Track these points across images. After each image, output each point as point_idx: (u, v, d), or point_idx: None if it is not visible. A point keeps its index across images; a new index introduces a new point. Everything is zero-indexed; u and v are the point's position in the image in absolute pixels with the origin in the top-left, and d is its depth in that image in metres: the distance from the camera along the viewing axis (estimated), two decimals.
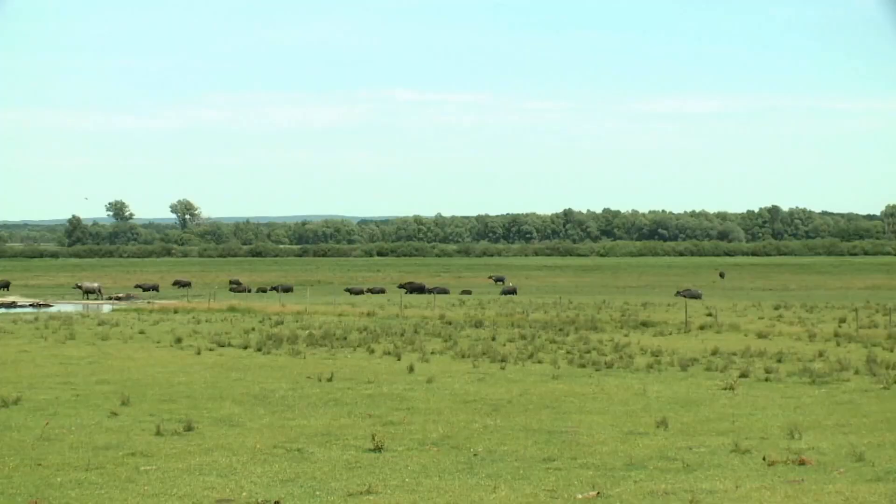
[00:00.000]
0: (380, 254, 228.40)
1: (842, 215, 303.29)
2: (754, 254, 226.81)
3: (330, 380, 29.79)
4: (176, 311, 64.64)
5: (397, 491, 16.32)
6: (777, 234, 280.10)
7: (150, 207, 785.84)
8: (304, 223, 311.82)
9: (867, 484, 16.84)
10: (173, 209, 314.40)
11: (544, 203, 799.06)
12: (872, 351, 37.42)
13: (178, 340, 42.45)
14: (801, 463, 18.34)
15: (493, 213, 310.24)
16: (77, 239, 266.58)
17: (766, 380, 30.33)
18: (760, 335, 44.88)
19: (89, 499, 15.61)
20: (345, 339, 43.16)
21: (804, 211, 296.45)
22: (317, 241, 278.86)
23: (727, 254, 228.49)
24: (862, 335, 44.18)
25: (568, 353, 38.08)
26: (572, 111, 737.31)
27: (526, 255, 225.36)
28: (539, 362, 35.32)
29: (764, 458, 18.68)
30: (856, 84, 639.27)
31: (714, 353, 37.15)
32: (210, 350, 39.14)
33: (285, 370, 32.66)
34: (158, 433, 21.04)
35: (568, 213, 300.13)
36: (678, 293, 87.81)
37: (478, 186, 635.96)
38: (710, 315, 55.08)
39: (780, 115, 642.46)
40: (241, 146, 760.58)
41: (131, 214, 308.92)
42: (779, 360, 34.68)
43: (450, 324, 52.39)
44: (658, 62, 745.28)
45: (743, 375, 30.83)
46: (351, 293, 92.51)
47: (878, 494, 16.15)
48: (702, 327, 49.32)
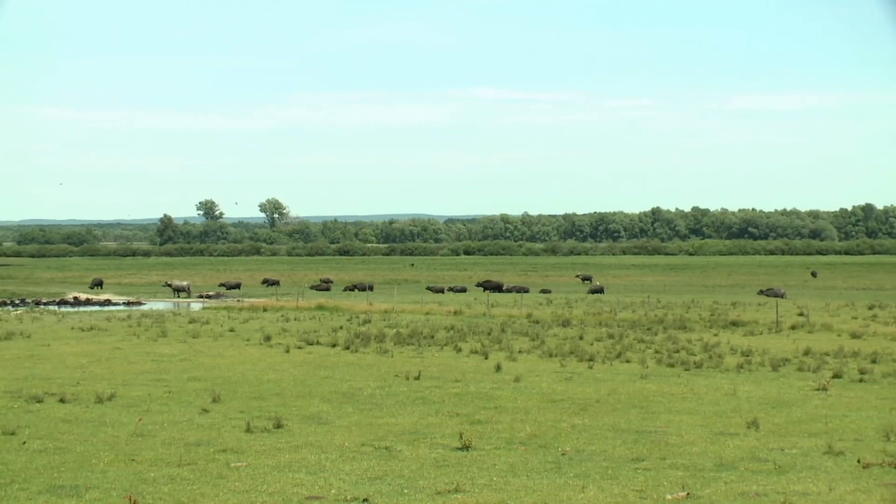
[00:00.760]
0: (466, 252, 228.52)
1: None
2: (847, 253, 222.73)
3: (417, 378, 29.86)
4: (265, 310, 65.27)
5: (485, 490, 16.29)
6: (871, 232, 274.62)
7: (240, 207, 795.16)
8: (391, 222, 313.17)
9: None
10: (262, 208, 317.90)
11: (632, 201, 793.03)
12: None
13: (268, 338, 42.83)
14: None
15: (580, 212, 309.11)
16: (168, 238, 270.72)
17: (861, 381, 29.77)
18: (854, 335, 44.05)
19: (182, 494, 15.79)
20: (432, 337, 43.23)
21: None
22: (404, 239, 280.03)
23: (819, 252, 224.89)
24: None
25: (656, 352, 37.76)
26: (660, 108, 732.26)
27: (613, 254, 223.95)
28: (627, 361, 35.06)
29: (858, 461, 18.32)
30: None
31: (806, 353, 36.56)
32: (299, 348, 39.43)
33: (373, 368, 32.80)
34: (248, 430, 21.25)
35: (656, 212, 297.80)
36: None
37: (565, 185, 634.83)
38: (801, 315, 54.23)
39: (875, 111, 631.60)
40: (329, 145, 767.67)
41: (221, 214, 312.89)
42: (873, 361, 34.01)
43: (537, 323, 52.23)
44: (748, 57, 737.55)
45: (836, 376, 30.30)
46: (432, 292, 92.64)
47: None
48: (793, 327, 48.57)
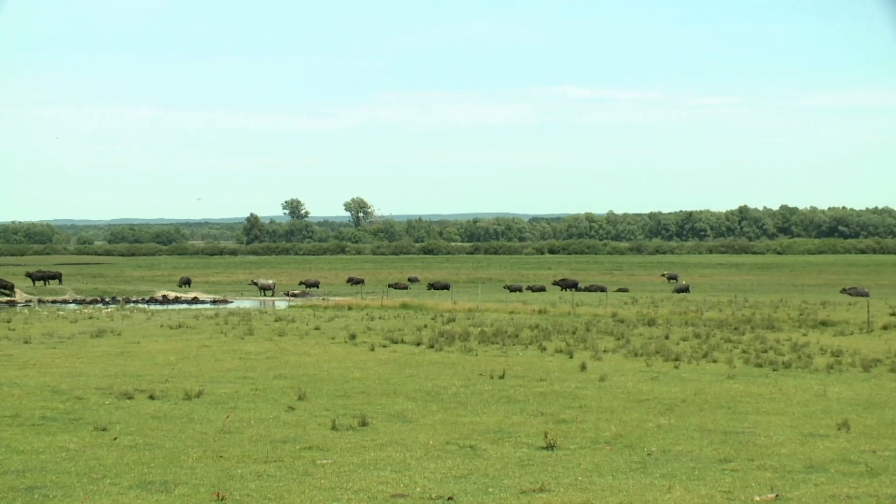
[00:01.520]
0: (551, 251, 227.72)
1: None
2: None
3: (502, 377, 29.82)
4: (350, 308, 65.67)
5: (570, 489, 16.21)
6: None
7: (325, 206, 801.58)
8: (475, 221, 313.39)
9: None
10: (347, 207, 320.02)
11: (719, 200, 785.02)
12: None
13: (353, 337, 43.06)
14: None
15: (666, 211, 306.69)
16: (255, 237, 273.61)
17: None
18: None
19: (268, 491, 15.92)
20: (516, 336, 43.15)
21: None
22: (488, 238, 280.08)
23: None
24: None
25: (744, 352, 37.31)
26: (747, 106, 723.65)
27: (700, 253, 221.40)
28: (714, 361, 34.69)
29: None
30: None
31: None
32: (383, 346, 39.59)
33: (457, 367, 32.82)
34: (334, 428, 21.36)
35: (743, 210, 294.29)
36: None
37: (650, 183, 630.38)
38: (894, 315, 53.23)
39: None
40: (414, 144, 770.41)
41: (307, 213, 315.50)
42: None
43: (622, 322, 51.91)
44: (838, 53, 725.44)
45: None
46: (510, 290, 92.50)
47: None
48: (885, 327, 47.66)
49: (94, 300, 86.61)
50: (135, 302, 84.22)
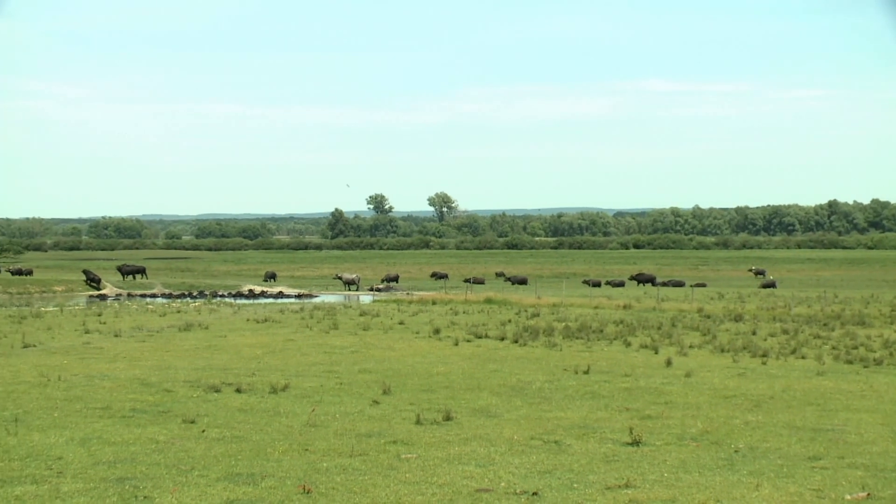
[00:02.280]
0: (636, 246, 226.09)
1: None
2: None
3: (587, 372, 29.67)
4: (434, 303, 65.83)
5: (656, 485, 16.06)
6: None
7: (409, 200, 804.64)
8: (559, 215, 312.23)
9: None
10: (431, 202, 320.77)
11: (807, 194, 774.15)
12: None
13: (437, 331, 43.14)
14: None
15: (753, 205, 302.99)
16: (339, 231, 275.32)
17: None
18: None
19: (353, 484, 15.99)
20: (601, 331, 42.90)
21: None
22: (572, 233, 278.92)
23: None
24: None
25: (833, 348, 36.72)
26: (836, 98, 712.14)
27: (788, 248, 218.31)
28: (802, 358, 34.19)
29: None
30: None
31: None
32: (467, 341, 39.61)
33: (542, 362, 32.72)
34: (418, 422, 21.41)
35: (833, 205, 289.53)
36: None
37: (737, 177, 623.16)
38: None
39: None
40: (497, 139, 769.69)
41: (391, 207, 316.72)
42: None
43: (708, 317, 51.38)
44: None
45: None
46: (589, 285, 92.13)
47: None
48: None
49: (181, 294, 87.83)
50: (221, 296, 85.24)
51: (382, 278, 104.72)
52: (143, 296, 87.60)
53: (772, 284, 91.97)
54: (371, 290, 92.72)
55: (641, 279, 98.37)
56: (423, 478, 16.47)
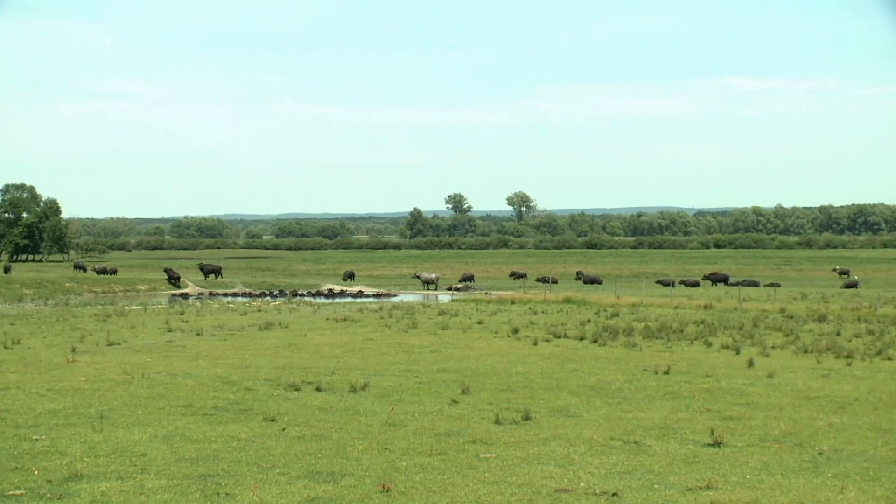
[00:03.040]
0: (717, 246, 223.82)
1: None
2: None
3: (667, 373, 29.42)
4: (513, 302, 65.75)
5: (738, 487, 15.87)
6: None
7: (488, 200, 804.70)
8: (639, 215, 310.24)
9: None
10: (510, 202, 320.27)
11: (894, 192, 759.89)
12: None
13: (515, 331, 43.06)
14: None
15: (837, 204, 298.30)
16: (418, 231, 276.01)
17: None
18: None
19: (433, 483, 16.01)
20: (681, 331, 42.52)
21: None
22: (652, 232, 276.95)
23: None
24: None
25: None
26: None
27: (873, 248, 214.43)
28: (888, 359, 33.59)
29: None
30: None
31: None
32: (546, 341, 39.49)
33: (621, 362, 32.52)
34: (497, 422, 21.37)
35: None
36: None
37: (820, 176, 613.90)
38: None
39: None
40: (576, 138, 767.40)
41: (469, 207, 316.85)
42: None
43: (791, 318, 50.70)
44: None
45: None
46: (662, 285, 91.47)
47: None
48: None
49: (262, 293, 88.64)
50: (301, 295, 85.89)
51: (460, 278, 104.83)
52: (224, 295, 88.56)
53: (854, 284, 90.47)
54: (449, 289, 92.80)
55: (715, 278, 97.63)
56: (503, 477, 16.44)
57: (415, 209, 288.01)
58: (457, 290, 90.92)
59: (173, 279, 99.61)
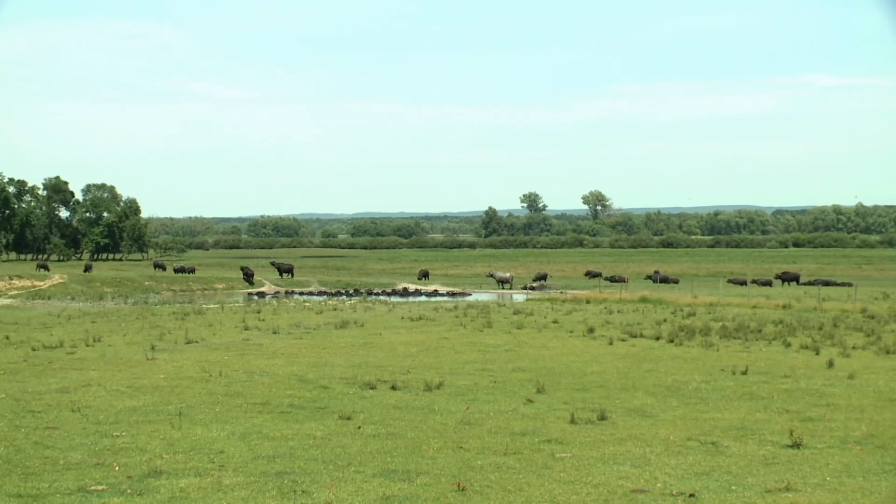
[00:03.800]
0: (795, 245, 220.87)
1: None
2: None
3: (744, 373, 29.08)
4: (588, 301, 65.47)
5: (818, 490, 15.64)
6: None
7: (563, 199, 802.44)
8: (716, 213, 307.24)
9: None
10: (585, 200, 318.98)
11: None
12: None
13: (591, 330, 42.85)
14: None
15: None
16: (493, 230, 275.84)
17: None
18: None
19: (508, 482, 15.97)
20: (759, 331, 42.02)
21: None
22: (729, 231, 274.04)
23: None
24: None
25: None
26: None
27: None
28: None
29: None
30: None
31: None
32: (622, 340, 39.25)
33: (698, 362, 32.21)
34: (572, 421, 21.27)
35: None
36: None
37: None
38: None
39: None
40: (652, 137, 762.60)
41: (544, 206, 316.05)
42: None
43: (872, 318, 49.87)
44: None
45: None
46: (734, 284, 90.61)
47: None
48: None
49: (337, 292, 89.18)
50: (376, 294, 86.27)
51: (534, 277, 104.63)
52: (300, 293, 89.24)
53: None
54: (524, 288, 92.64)
55: (786, 277, 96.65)
56: (578, 477, 16.36)
57: (489, 208, 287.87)
58: (532, 289, 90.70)
59: (248, 276, 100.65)
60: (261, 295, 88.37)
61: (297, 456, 17.80)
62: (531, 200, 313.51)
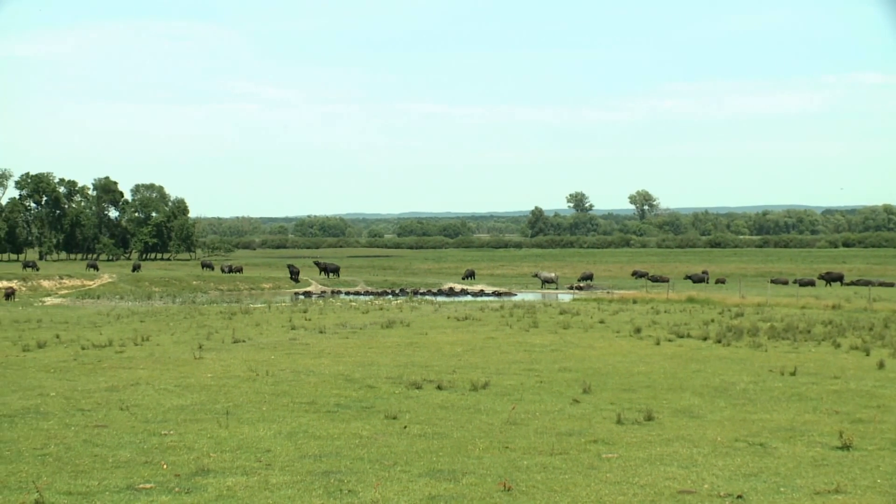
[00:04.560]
0: (845, 245, 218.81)
1: None
2: None
3: (793, 374, 28.83)
4: (635, 302, 65.18)
5: (868, 492, 15.46)
6: None
7: (610, 198, 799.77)
8: (764, 213, 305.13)
9: None
10: (632, 200, 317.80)
11: None
12: None
13: (637, 330, 42.65)
14: None
15: None
16: (539, 230, 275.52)
17: None
18: None
19: (554, 483, 15.93)
20: (808, 332, 41.64)
21: None
22: (778, 231, 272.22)
23: None
24: None
25: None
26: None
27: None
28: None
29: None
30: None
31: None
32: (669, 341, 39.03)
33: (746, 363, 31.97)
34: (619, 422, 21.18)
35: None
36: None
37: None
38: None
39: None
40: (700, 136, 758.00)
41: (591, 205, 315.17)
42: None
43: None
44: None
45: None
46: (776, 284, 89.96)
47: None
48: None
49: (383, 292, 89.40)
50: (422, 294, 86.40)
51: (580, 276, 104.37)
52: (346, 293, 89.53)
53: None
54: (570, 288, 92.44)
55: (829, 278, 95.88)
56: (625, 478, 16.29)
57: (536, 208, 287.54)
58: (578, 289, 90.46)
59: (295, 276, 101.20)
60: (307, 294, 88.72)
61: (343, 455, 17.84)
62: (578, 200, 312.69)
